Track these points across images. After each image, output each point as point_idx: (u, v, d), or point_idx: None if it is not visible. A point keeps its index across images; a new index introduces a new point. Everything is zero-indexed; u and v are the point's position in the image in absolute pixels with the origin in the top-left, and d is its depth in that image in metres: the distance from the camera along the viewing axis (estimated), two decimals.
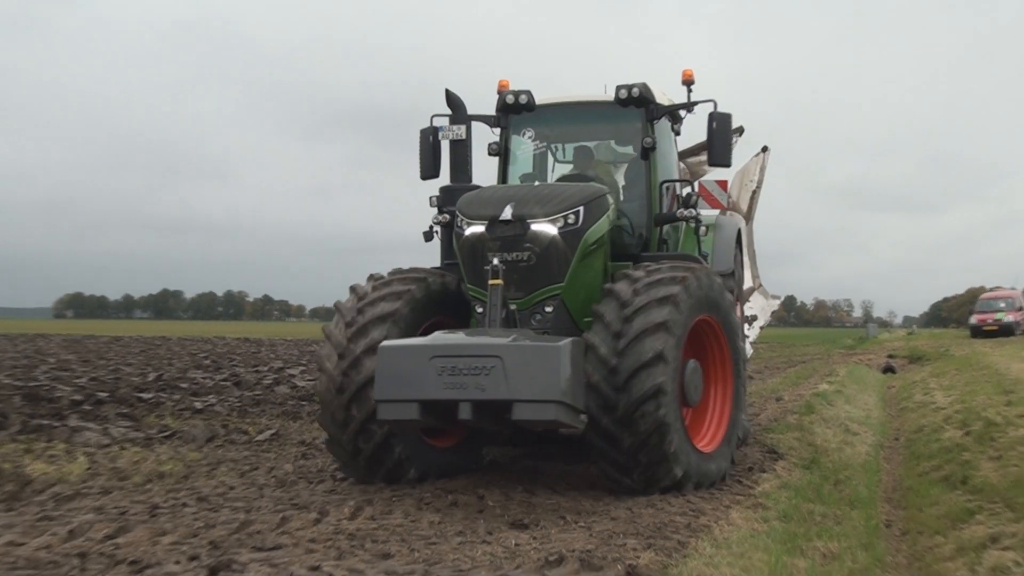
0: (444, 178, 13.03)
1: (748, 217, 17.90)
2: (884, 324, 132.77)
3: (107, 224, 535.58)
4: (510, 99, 12.75)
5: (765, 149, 18.41)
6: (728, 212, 17.79)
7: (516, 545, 8.01)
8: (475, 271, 10.68)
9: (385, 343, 9.89)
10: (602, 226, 11.18)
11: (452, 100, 12.68)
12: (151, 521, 9.02)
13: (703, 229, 12.71)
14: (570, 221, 10.67)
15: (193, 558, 7.63)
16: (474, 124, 13.16)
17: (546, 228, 10.46)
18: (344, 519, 8.99)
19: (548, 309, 10.48)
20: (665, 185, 12.68)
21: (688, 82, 12.68)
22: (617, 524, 8.75)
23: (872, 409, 22.42)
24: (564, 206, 10.62)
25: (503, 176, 13.26)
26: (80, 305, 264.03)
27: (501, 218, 10.35)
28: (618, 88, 12.14)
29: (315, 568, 7.15)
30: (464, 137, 12.62)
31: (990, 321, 63.22)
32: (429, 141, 12.51)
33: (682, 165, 16.07)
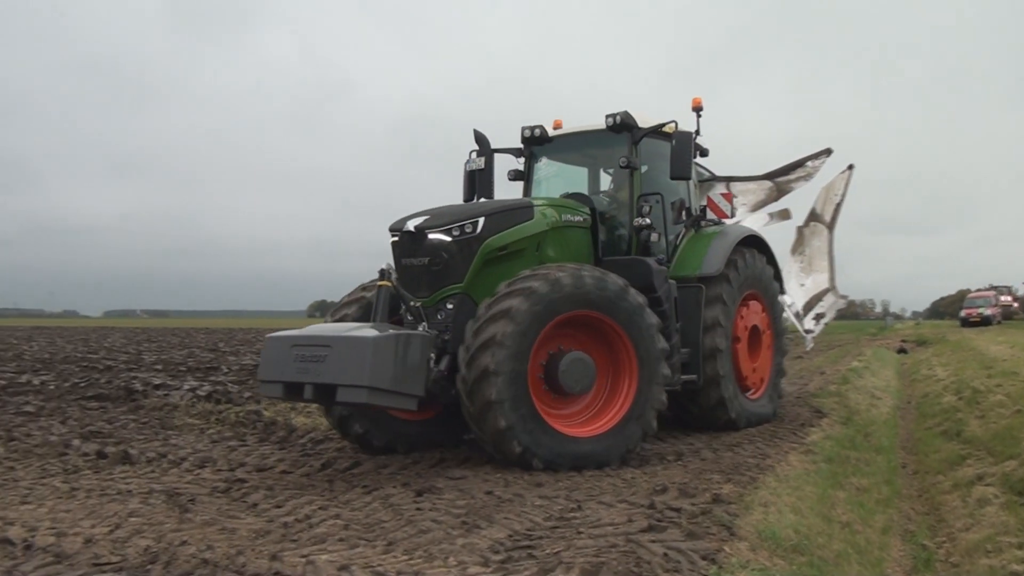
0: None
1: (831, 227, 16.66)
2: (897, 317, 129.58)
3: None
4: (527, 133, 11.96)
5: (851, 167, 17.14)
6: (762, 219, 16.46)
7: (632, 478, 8.13)
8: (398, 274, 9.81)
9: (268, 335, 9.20)
10: (519, 231, 9.76)
11: (477, 137, 11.70)
12: (377, 458, 9.30)
13: (654, 235, 11.00)
14: (467, 230, 9.44)
15: (405, 484, 7.89)
16: (507, 155, 12.34)
17: (440, 237, 9.41)
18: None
19: (449, 306, 9.30)
20: (653, 197, 11.23)
21: (697, 109, 11.58)
22: (705, 463, 8.81)
23: (891, 380, 22.28)
24: (459, 218, 9.47)
25: (526, 195, 12.16)
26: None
27: (405, 230, 9.52)
28: (606, 117, 11.06)
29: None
30: (483, 167, 11.67)
31: (975, 314, 61.91)
32: (465, 172, 11.85)
33: (720, 186, 15.38)
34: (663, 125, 11.14)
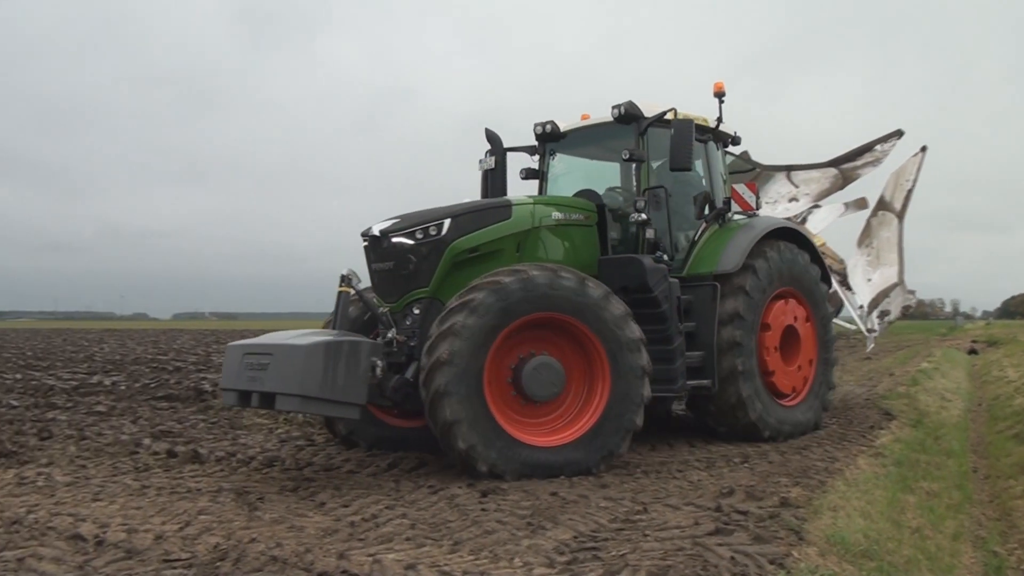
0: None
1: (900, 215, 15.01)
2: (968, 317, 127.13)
3: None
4: (538, 129, 11.56)
5: (923, 149, 15.59)
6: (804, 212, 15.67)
7: (698, 480, 8.07)
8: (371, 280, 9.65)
9: (229, 343, 9.07)
10: (492, 232, 9.45)
11: (489, 136, 11.25)
12: (442, 458, 9.31)
13: (650, 232, 10.32)
14: (431, 233, 9.19)
15: (470, 484, 7.88)
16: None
17: (404, 240, 9.20)
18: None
19: (416, 311, 9.07)
20: (658, 190, 10.61)
21: (719, 94, 11.06)
22: (772, 466, 8.73)
23: (961, 382, 21.85)
24: (424, 221, 9.21)
25: (541, 193, 11.78)
26: None
27: (371, 234, 9.35)
28: (612, 108, 10.61)
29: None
30: (494, 167, 11.20)
31: None
32: (481, 173, 11.39)
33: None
34: (664, 113, 10.54)
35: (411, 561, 5.45)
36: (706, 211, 11.21)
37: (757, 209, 12.10)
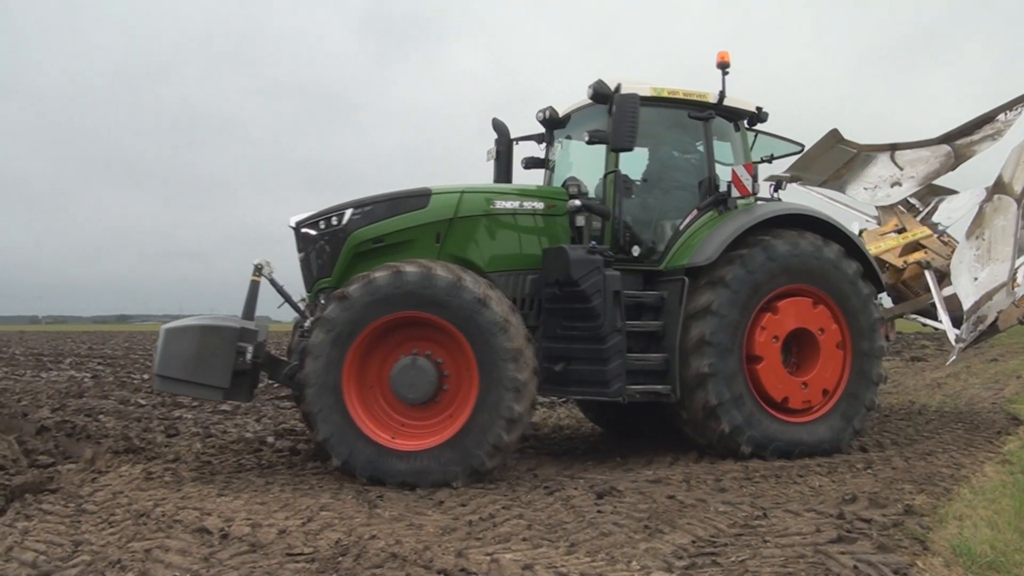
0: None
1: (1020, 199, 11.74)
2: None
3: None
4: (539, 116, 10.90)
5: None
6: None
7: (819, 486, 7.93)
8: None
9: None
10: (401, 221, 9.15)
11: (495, 126, 11.06)
12: (559, 459, 9.33)
13: (579, 219, 9.38)
14: (332, 223, 9.15)
15: (587, 486, 7.86)
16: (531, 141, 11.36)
17: (309, 231, 9.23)
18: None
19: (323, 301, 8.69)
20: (609, 176, 9.74)
21: (722, 65, 9.98)
22: (896, 472, 8.50)
23: None
24: (331, 211, 9.17)
25: (548, 183, 11.08)
26: None
27: (289, 226, 9.36)
28: (588, 87, 9.78)
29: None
30: (496, 157, 10.96)
31: None
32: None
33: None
34: (614, 93, 9.49)
35: (528, 561, 5.48)
36: (705, 197, 10.12)
37: (754, 194, 10.29)
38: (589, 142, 9.53)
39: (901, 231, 13.18)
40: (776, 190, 11.07)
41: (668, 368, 9.29)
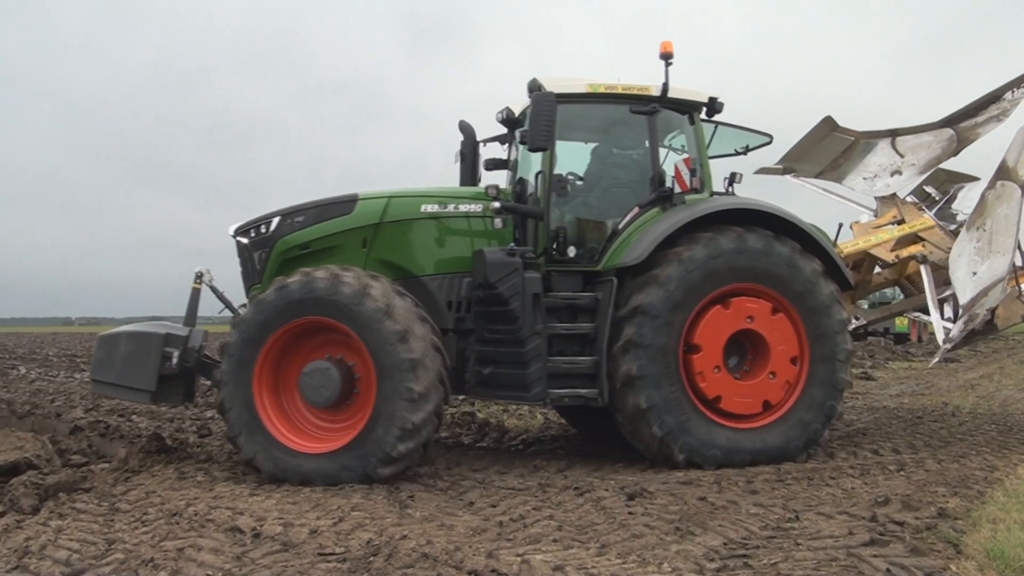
0: None
1: None
2: None
3: None
4: (498, 116, 10.59)
5: None
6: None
7: (852, 488, 7.86)
8: None
9: None
10: (327, 227, 9.34)
11: (461, 128, 10.77)
12: (589, 460, 9.32)
13: (497, 221, 9.22)
14: (261, 231, 9.46)
15: (617, 487, 7.83)
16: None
17: (241, 239, 9.60)
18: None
19: None
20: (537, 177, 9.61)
21: (665, 56, 9.33)
22: (929, 475, 8.43)
23: None
24: (260, 219, 9.53)
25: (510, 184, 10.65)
26: None
27: (229, 234, 9.67)
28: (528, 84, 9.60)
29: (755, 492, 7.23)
30: (461, 159, 10.74)
31: None
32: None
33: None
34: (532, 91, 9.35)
35: (559, 563, 5.47)
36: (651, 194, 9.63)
37: (695, 189, 9.80)
38: (519, 143, 9.65)
39: (901, 223, 12.17)
40: (730, 184, 10.45)
41: (597, 371, 8.99)
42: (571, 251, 9.43)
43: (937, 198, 12.96)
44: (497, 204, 9.20)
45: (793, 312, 9.30)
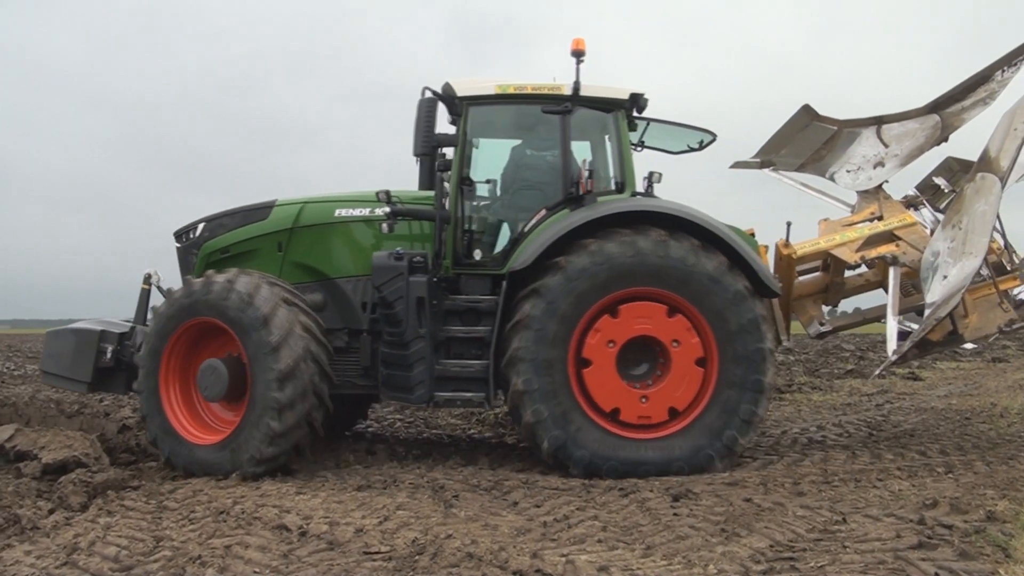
0: None
1: (1005, 178, 9.20)
2: None
3: None
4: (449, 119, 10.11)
5: None
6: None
7: (899, 490, 7.79)
8: None
9: None
10: (244, 232, 9.87)
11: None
12: None
13: (384, 226, 9.25)
14: (190, 236, 10.19)
15: (662, 488, 7.79)
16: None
17: (176, 244, 10.35)
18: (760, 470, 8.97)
19: None
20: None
21: (576, 53, 8.94)
22: (978, 477, 8.32)
23: None
24: (188, 225, 10.27)
25: None
26: None
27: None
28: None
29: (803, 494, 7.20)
30: (420, 162, 10.29)
31: None
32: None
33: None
34: (424, 90, 9.21)
35: (603, 563, 5.47)
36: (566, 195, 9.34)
37: (590, 191, 9.28)
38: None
39: (881, 219, 11.06)
40: (649, 185, 10.10)
41: (487, 375, 8.87)
42: (477, 254, 9.36)
43: (947, 191, 11.64)
44: (387, 208, 9.26)
45: (694, 312, 8.80)
